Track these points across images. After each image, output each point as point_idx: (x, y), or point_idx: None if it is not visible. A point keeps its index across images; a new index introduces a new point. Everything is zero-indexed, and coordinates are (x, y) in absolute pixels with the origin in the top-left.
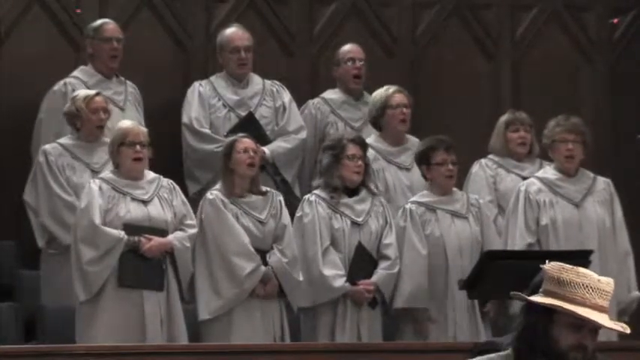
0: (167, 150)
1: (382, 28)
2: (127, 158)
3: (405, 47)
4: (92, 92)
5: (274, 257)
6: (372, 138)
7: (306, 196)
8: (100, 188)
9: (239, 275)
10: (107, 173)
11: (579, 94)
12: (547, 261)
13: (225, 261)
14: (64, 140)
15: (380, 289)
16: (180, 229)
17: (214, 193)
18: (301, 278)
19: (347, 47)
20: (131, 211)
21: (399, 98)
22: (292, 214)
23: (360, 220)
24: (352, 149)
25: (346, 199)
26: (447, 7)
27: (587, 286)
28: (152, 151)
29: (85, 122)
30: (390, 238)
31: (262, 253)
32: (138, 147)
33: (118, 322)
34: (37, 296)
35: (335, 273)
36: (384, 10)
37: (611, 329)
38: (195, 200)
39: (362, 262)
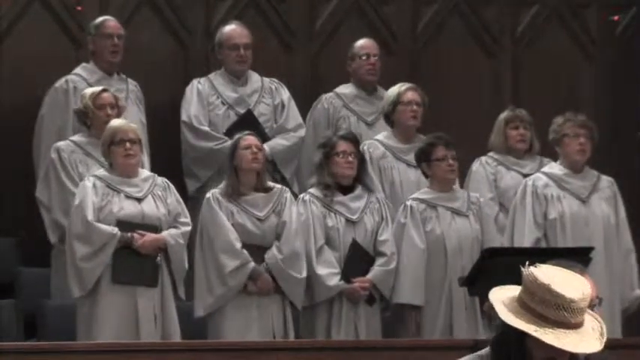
0: (168, 147)
1: (382, 25)
2: (119, 157)
3: (405, 44)
4: (98, 89)
5: (269, 254)
6: (383, 135)
7: (301, 195)
8: (94, 186)
9: (223, 272)
10: (102, 171)
11: (580, 91)
12: (527, 263)
13: (214, 259)
14: (76, 137)
15: (377, 286)
16: (174, 227)
17: (212, 192)
18: (303, 275)
19: (361, 42)
20: (124, 208)
21: (411, 95)
22: None
23: (354, 217)
24: (342, 146)
25: (340, 197)
26: (447, 4)
27: (559, 307)
28: (137, 147)
29: (94, 119)
30: (385, 235)
31: (263, 249)
32: (127, 144)
33: (112, 319)
34: (38, 293)
35: (329, 272)
36: (384, 7)
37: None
38: (194, 198)
39: (357, 260)
